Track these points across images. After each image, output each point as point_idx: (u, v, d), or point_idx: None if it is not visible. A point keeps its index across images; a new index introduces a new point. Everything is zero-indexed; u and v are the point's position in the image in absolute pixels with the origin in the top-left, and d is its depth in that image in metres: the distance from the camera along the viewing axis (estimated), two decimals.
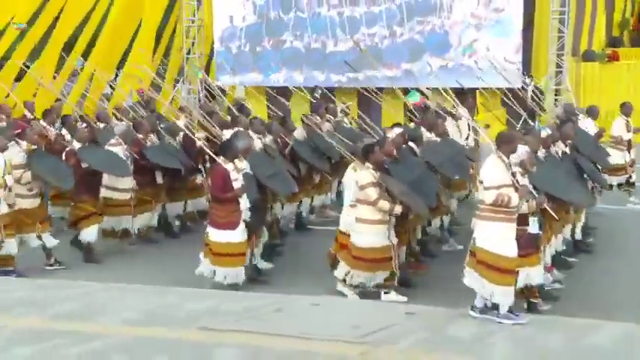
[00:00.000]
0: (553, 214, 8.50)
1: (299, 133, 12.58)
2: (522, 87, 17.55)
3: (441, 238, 11.33)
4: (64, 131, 13.09)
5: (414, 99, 18.45)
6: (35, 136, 11.03)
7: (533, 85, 19.38)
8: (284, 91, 19.32)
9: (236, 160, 9.63)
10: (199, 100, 24.05)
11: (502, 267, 7.79)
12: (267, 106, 17.21)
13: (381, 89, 17.68)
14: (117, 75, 24.37)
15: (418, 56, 22.81)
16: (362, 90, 17.64)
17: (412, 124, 12.71)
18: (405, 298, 9.10)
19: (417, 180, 9.51)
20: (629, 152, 13.63)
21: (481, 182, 7.92)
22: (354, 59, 20.73)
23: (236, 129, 11.86)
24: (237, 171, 9.54)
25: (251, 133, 11.71)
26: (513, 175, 7.93)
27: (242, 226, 9.47)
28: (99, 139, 11.65)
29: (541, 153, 9.49)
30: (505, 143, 7.98)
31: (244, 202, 9.54)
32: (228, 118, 13.79)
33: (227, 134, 11.66)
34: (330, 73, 23.55)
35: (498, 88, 19.53)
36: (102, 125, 13.66)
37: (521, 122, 14.82)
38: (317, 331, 7.55)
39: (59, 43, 22.79)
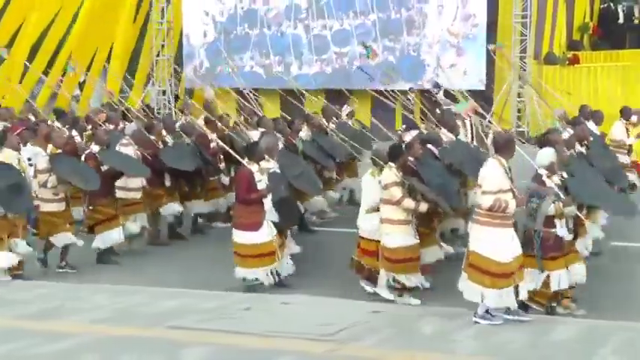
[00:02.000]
0: (582, 216, 8.43)
1: (304, 133, 12.70)
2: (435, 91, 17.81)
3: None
4: (74, 132, 13.11)
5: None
6: (62, 139, 11.01)
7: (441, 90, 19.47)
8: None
9: (262, 162, 9.68)
10: (169, 102, 24.05)
11: (493, 271, 7.74)
12: (237, 109, 17.26)
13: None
14: (86, 76, 24.21)
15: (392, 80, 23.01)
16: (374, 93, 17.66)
17: (422, 125, 12.82)
18: (418, 301, 8.95)
19: (442, 181, 9.50)
20: (629, 155, 13.72)
21: (479, 186, 7.89)
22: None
23: (262, 130, 11.90)
24: (261, 172, 9.56)
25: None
26: (511, 180, 7.89)
27: (266, 225, 9.44)
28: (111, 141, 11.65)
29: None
30: (504, 147, 7.92)
31: (268, 203, 9.54)
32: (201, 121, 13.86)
33: (254, 135, 11.68)
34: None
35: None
36: (111, 127, 13.59)
37: (486, 122, 14.97)
38: (284, 330, 7.65)
39: (26, 44, 22.61)
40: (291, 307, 8.58)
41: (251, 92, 15.65)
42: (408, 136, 10.74)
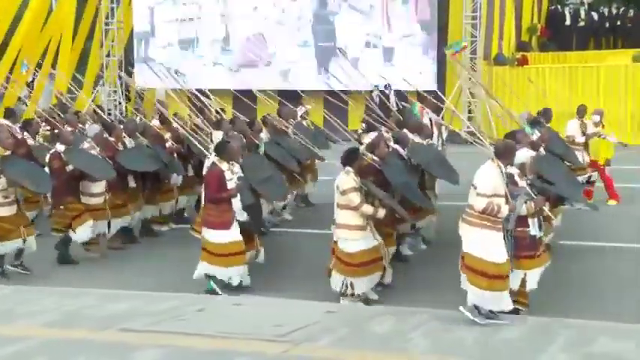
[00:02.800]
0: (551, 215, 8.47)
1: (264, 134, 12.64)
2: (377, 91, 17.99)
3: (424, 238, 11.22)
4: (26, 134, 12.87)
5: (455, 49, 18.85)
6: (9, 140, 10.73)
7: (378, 90, 19.64)
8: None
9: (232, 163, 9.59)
10: (119, 103, 23.82)
11: (490, 273, 7.73)
12: (190, 108, 17.11)
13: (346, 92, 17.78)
14: (34, 76, 23.88)
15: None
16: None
17: (363, 125, 12.79)
18: (362, 304, 8.92)
19: (406, 180, 9.49)
20: (587, 153, 13.92)
21: (474, 187, 7.84)
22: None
23: (220, 131, 11.78)
24: (231, 172, 9.48)
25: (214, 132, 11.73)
26: (509, 176, 7.90)
27: (235, 225, 9.39)
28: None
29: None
30: (504, 153, 7.91)
31: (237, 203, 9.47)
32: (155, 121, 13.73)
33: (217, 135, 11.56)
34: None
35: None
36: (69, 129, 13.23)
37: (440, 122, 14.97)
38: (238, 331, 7.62)
39: None
40: (244, 308, 8.55)
41: (203, 93, 15.52)
42: (367, 138, 10.69)
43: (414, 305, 8.53)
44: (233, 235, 9.37)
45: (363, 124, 13.39)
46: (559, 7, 28.39)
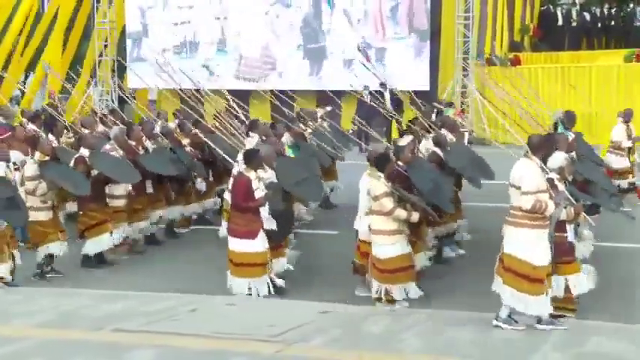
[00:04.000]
0: (590, 220, 8.26)
1: (285, 137, 12.54)
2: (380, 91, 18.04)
3: (447, 242, 10.95)
4: (50, 137, 12.77)
5: None
6: (48, 146, 10.63)
7: (389, 92, 19.77)
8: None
9: (259, 170, 9.41)
10: (112, 102, 23.80)
11: (530, 275, 7.57)
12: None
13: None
14: (27, 77, 23.85)
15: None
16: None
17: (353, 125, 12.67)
18: (405, 304, 8.81)
19: (433, 186, 9.35)
20: (629, 158, 13.88)
21: (516, 187, 7.65)
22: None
23: (255, 135, 11.63)
24: (258, 180, 9.34)
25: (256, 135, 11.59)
26: (549, 181, 7.76)
27: (262, 235, 9.25)
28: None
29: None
30: (541, 148, 7.74)
31: (264, 212, 9.34)
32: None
33: (251, 139, 11.38)
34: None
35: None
36: (87, 132, 13.06)
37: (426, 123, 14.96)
38: (232, 331, 7.63)
39: None
40: (238, 308, 8.57)
41: (199, 92, 15.53)
42: (403, 141, 10.61)
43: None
44: (258, 245, 9.21)
45: (354, 125, 13.43)
46: (551, 7, 28.47)
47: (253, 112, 18.77)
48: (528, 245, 7.59)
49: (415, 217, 8.77)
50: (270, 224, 9.37)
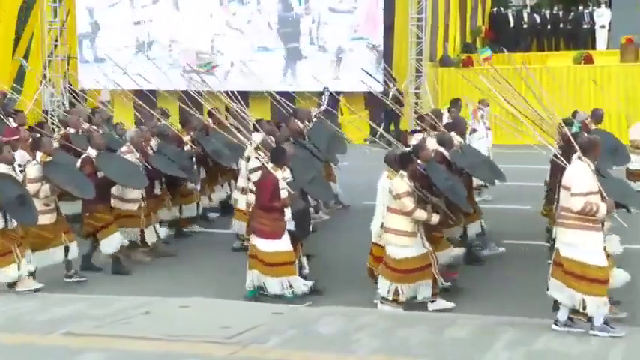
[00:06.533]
0: (620, 220, 7.92)
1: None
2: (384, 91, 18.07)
3: (482, 243, 10.96)
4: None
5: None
6: (52, 147, 10.34)
7: (396, 89, 20.06)
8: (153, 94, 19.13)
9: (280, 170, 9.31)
10: (63, 104, 23.48)
11: (591, 276, 7.42)
12: (135, 108, 16.98)
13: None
14: None
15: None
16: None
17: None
18: (452, 304, 8.76)
19: (452, 184, 9.32)
20: None
21: (566, 189, 7.54)
22: None
23: (259, 134, 11.40)
24: (282, 179, 9.24)
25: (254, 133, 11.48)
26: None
27: (286, 235, 9.18)
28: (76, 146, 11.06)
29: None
30: (591, 149, 7.60)
31: (288, 213, 9.26)
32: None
33: (256, 138, 11.20)
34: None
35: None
36: (72, 131, 12.90)
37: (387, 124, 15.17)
38: (185, 333, 7.57)
39: None
40: (191, 310, 8.50)
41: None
42: (414, 140, 10.45)
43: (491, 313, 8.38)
44: (283, 244, 9.15)
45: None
46: (502, 9, 28.84)
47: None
48: (586, 247, 7.45)
49: (435, 219, 8.71)
50: (290, 225, 9.30)
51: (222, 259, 11.19)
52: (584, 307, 7.46)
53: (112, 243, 10.48)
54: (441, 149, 10.26)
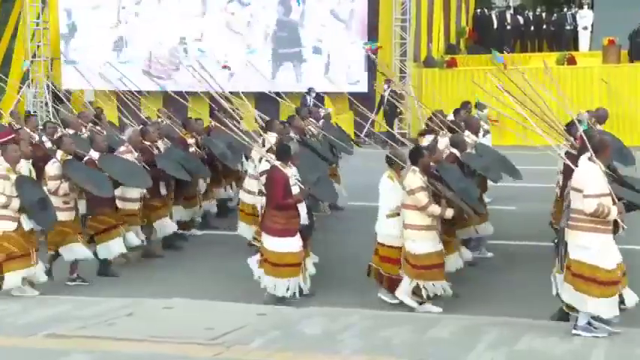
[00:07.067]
0: (622, 223, 7.68)
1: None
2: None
3: (475, 245, 10.86)
4: (44, 138, 12.48)
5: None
6: (72, 145, 10.31)
7: (390, 89, 20.12)
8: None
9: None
10: (46, 104, 23.39)
11: (600, 279, 7.35)
12: (118, 108, 16.95)
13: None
14: None
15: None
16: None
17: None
18: (440, 309, 8.70)
19: (465, 185, 9.31)
20: None
21: (577, 190, 7.47)
22: None
23: (273, 133, 11.36)
24: (293, 176, 9.14)
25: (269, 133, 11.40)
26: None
27: (299, 234, 9.07)
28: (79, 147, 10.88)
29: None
30: (602, 150, 7.55)
31: (303, 209, 9.18)
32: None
33: (269, 138, 11.10)
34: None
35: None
36: (71, 132, 12.77)
37: (368, 125, 15.17)
38: (169, 334, 7.56)
39: None
40: (175, 311, 8.49)
41: (131, 93, 15.35)
42: (425, 141, 10.39)
43: (480, 314, 8.37)
44: (295, 245, 9.04)
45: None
46: (486, 10, 28.95)
47: (195, 112, 18.61)
48: (597, 250, 7.39)
49: (449, 213, 8.68)
50: (306, 221, 9.24)
51: (218, 260, 11.18)
52: (595, 310, 7.41)
53: (110, 249, 10.44)
54: (454, 150, 10.26)
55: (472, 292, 9.36)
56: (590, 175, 7.42)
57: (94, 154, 10.46)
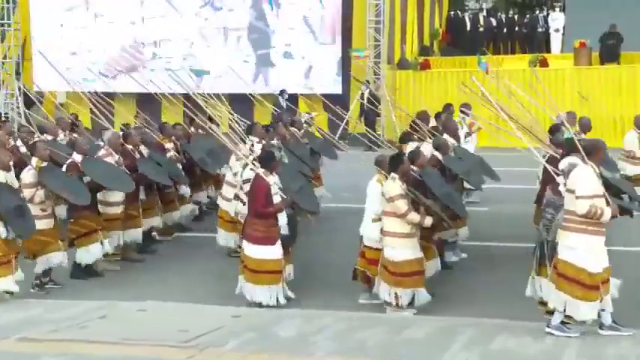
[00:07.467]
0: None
1: (274, 142, 12.17)
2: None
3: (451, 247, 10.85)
4: (18, 143, 12.34)
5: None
6: (47, 151, 10.11)
7: (369, 92, 20.15)
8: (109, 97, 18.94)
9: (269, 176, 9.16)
10: (18, 107, 23.17)
11: (584, 282, 7.36)
12: (91, 110, 16.80)
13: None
14: None
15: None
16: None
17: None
18: (411, 313, 8.67)
19: (447, 190, 9.28)
20: None
21: (571, 191, 7.49)
22: None
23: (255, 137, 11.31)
24: (275, 184, 9.09)
25: (252, 138, 11.32)
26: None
27: (279, 242, 9.04)
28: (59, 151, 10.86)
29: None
30: (595, 152, 7.58)
31: (283, 218, 9.14)
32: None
33: (257, 148, 10.99)
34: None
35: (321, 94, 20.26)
36: (50, 138, 12.59)
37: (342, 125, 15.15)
38: (142, 337, 7.52)
39: None
40: (149, 313, 8.45)
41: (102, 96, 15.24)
42: (408, 148, 10.38)
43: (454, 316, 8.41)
44: (275, 252, 8.99)
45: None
46: (459, 12, 29.13)
47: (166, 115, 18.56)
48: (583, 251, 7.42)
49: (429, 221, 8.68)
50: (285, 230, 9.20)
51: (190, 262, 11.16)
52: (576, 313, 7.42)
53: (88, 254, 10.36)
54: (436, 153, 10.27)
55: (449, 293, 9.41)
56: (584, 177, 7.46)
57: (77, 157, 10.37)
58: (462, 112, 14.14)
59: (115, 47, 24.51)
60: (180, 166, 12.30)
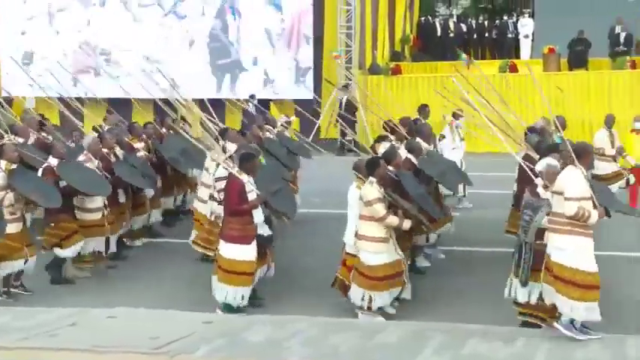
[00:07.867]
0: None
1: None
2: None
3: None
4: None
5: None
6: (15, 153, 9.89)
7: (346, 98, 20.16)
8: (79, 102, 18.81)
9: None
10: None
11: (581, 282, 7.42)
12: (60, 114, 16.70)
13: None
14: None
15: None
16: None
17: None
18: (382, 318, 8.72)
19: (422, 192, 9.27)
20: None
21: (559, 193, 7.56)
22: None
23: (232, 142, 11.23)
24: (250, 183, 9.04)
25: (227, 142, 11.23)
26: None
27: (255, 242, 8.95)
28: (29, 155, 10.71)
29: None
30: (585, 155, 7.66)
31: (259, 216, 9.09)
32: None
33: (231, 148, 10.91)
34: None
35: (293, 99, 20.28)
36: (21, 140, 12.30)
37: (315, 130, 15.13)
38: (113, 344, 7.45)
39: None
40: (119, 320, 8.38)
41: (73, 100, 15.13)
42: (382, 148, 10.41)
43: (434, 320, 8.42)
44: (250, 253, 8.91)
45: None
46: (430, 18, 29.29)
47: (137, 118, 18.45)
48: (576, 253, 7.48)
49: (407, 224, 8.68)
50: (263, 229, 9.15)
51: (162, 268, 11.11)
52: (573, 312, 7.48)
53: (72, 250, 10.33)
54: (410, 156, 10.29)
55: (424, 297, 9.45)
56: (573, 179, 7.54)
57: (53, 161, 10.27)
58: (455, 116, 14.30)
59: (79, 55, 24.49)
60: (149, 164, 12.17)
